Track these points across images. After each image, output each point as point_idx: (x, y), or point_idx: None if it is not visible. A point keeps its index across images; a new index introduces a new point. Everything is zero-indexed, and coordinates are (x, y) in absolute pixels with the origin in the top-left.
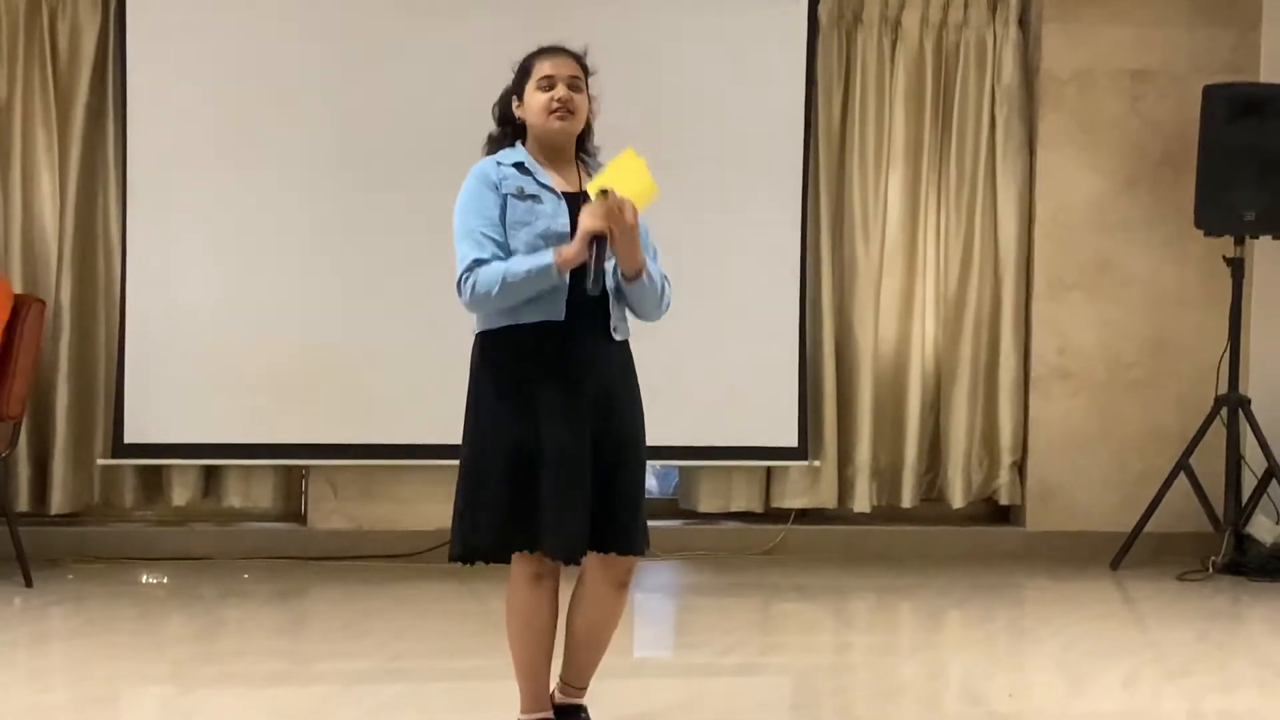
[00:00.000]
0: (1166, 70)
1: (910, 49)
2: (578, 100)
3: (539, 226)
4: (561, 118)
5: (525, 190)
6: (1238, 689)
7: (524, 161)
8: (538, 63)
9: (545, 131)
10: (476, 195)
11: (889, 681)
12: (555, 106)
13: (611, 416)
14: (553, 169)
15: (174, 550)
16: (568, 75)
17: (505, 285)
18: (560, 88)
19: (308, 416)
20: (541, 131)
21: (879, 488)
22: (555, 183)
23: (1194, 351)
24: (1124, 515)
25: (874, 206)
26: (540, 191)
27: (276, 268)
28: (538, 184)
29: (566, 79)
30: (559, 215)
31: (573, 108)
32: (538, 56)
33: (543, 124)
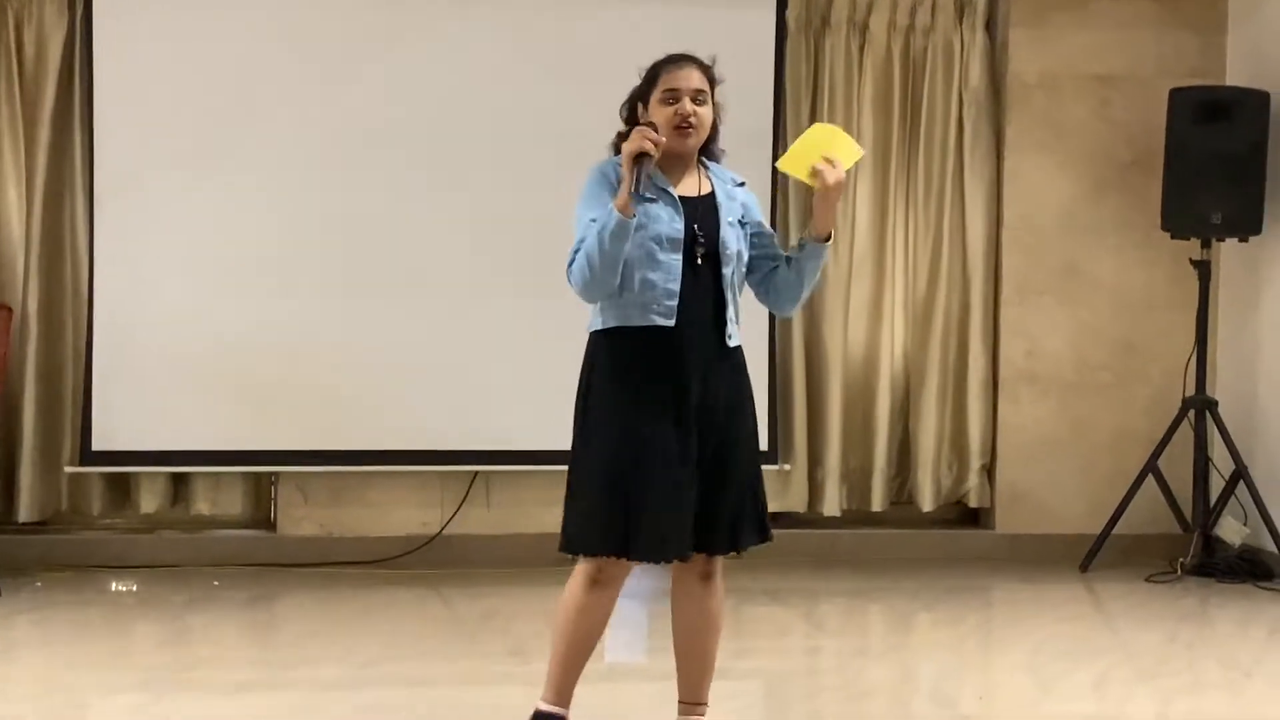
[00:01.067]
0: (1133, 74)
1: (878, 53)
2: (702, 114)
3: (653, 230)
4: (686, 134)
5: (644, 193)
6: (1206, 690)
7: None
8: (664, 74)
9: (671, 145)
10: (594, 192)
11: (859, 685)
12: (680, 123)
13: (720, 423)
14: (673, 173)
15: (143, 558)
16: (693, 89)
17: (589, 252)
18: (685, 102)
19: (277, 423)
20: (669, 144)
21: (849, 491)
22: (674, 187)
23: (1162, 354)
24: (1093, 517)
25: (843, 212)
26: (658, 195)
27: (245, 274)
28: (656, 187)
29: (692, 93)
30: (674, 220)
31: (696, 122)
32: (665, 66)
33: (669, 136)
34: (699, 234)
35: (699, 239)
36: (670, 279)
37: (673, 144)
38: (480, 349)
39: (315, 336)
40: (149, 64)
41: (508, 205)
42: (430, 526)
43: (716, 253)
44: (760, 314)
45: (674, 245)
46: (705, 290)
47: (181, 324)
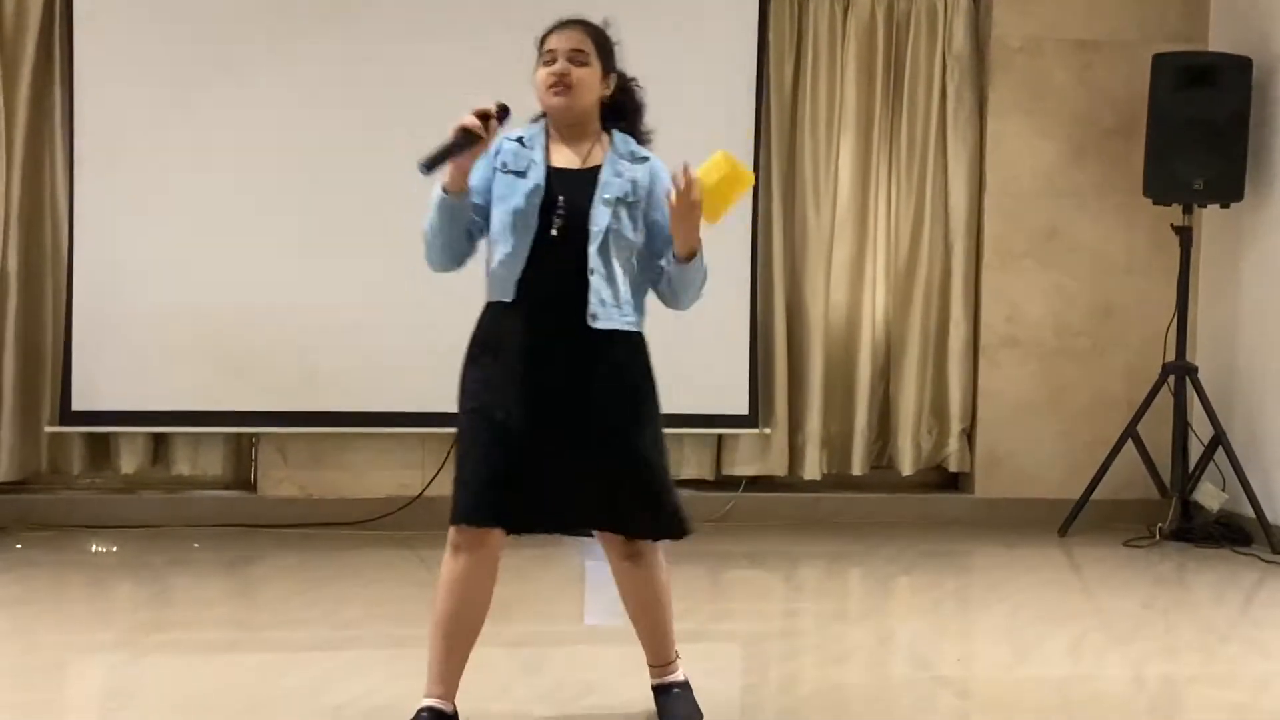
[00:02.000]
0: (1116, 39)
1: (861, 17)
2: (578, 75)
3: (510, 203)
4: (558, 93)
5: (509, 165)
6: (1181, 655)
7: (525, 136)
8: (547, 36)
9: (546, 108)
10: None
11: (838, 647)
12: (552, 81)
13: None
14: (566, 146)
15: (123, 518)
16: (569, 49)
17: (424, 225)
18: (560, 62)
19: (257, 384)
20: (545, 108)
21: (829, 455)
22: (554, 159)
23: (1142, 320)
24: (1072, 482)
25: (825, 175)
26: (529, 168)
27: (226, 234)
28: (530, 159)
29: (567, 52)
30: (535, 193)
31: (570, 82)
32: (550, 31)
33: (543, 100)
34: (559, 206)
35: (558, 211)
36: (516, 254)
37: (550, 106)
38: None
39: (296, 297)
40: (129, 25)
41: None
42: (410, 488)
43: (585, 228)
44: (744, 277)
45: (527, 219)
46: (565, 268)
47: (162, 284)
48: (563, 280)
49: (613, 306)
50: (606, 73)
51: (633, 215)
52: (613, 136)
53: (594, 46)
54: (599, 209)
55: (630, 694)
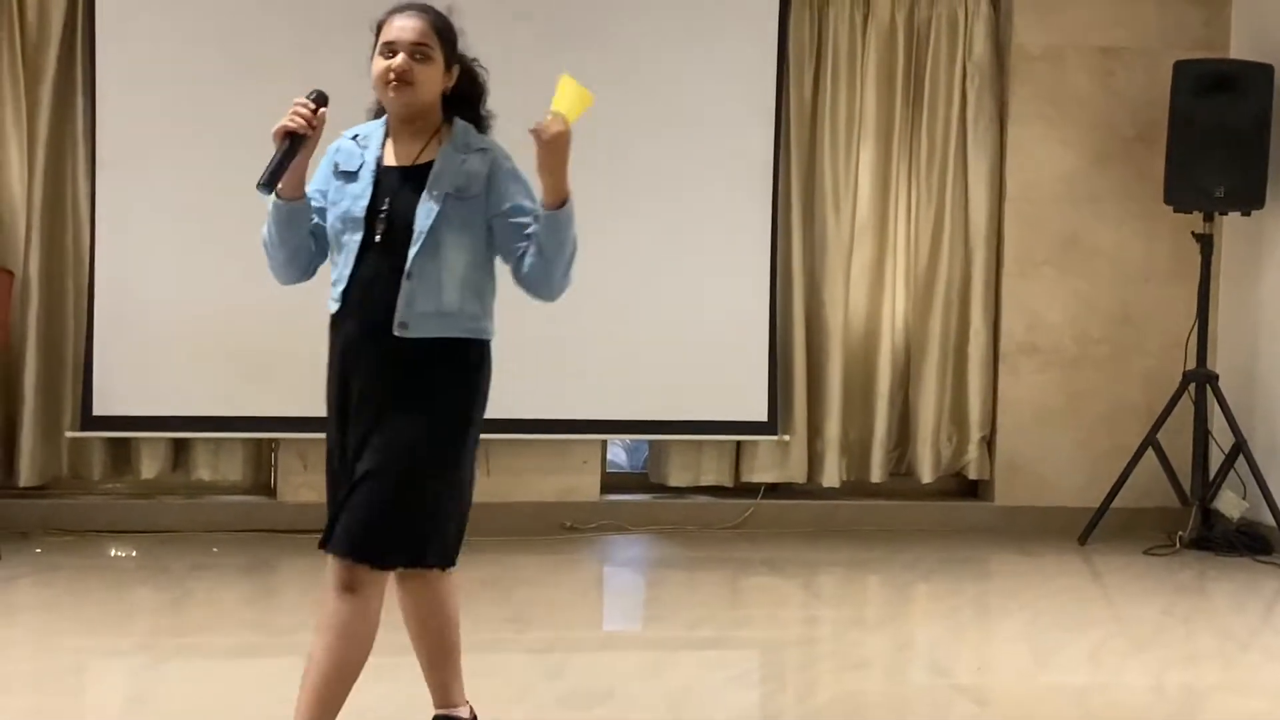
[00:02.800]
0: (1137, 46)
1: (881, 24)
2: (419, 71)
3: (340, 207)
4: (397, 89)
5: (341, 166)
6: (1202, 663)
7: (360, 134)
8: (386, 24)
9: (383, 103)
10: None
11: (856, 654)
12: (390, 77)
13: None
14: (402, 142)
15: (143, 523)
16: (410, 42)
17: (263, 235)
18: (399, 57)
19: (277, 389)
20: (381, 102)
21: (848, 462)
22: (387, 156)
23: (1162, 328)
24: (1092, 490)
25: (845, 182)
26: (360, 168)
27: (246, 239)
28: (362, 159)
29: (408, 46)
30: (361, 197)
31: (410, 79)
32: (386, 17)
33: (380, 94)
34: (382, 209)
35: (380, 214)
36: (344, 261)
37: (386, 103)
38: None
39: (316, 302)
40: (150, 30)
41: None
42: None
43: (409, 229)
44: (763, 283)
45: (355, 224)
46: (387, 273)
47: (183, 289)
48: (382, 287)
49: (432, 315)
50: (449, 65)
51: (469, 211)
52: (454, 128)
53: (437, 39)
54: (423, 207)
55: (649, 698)
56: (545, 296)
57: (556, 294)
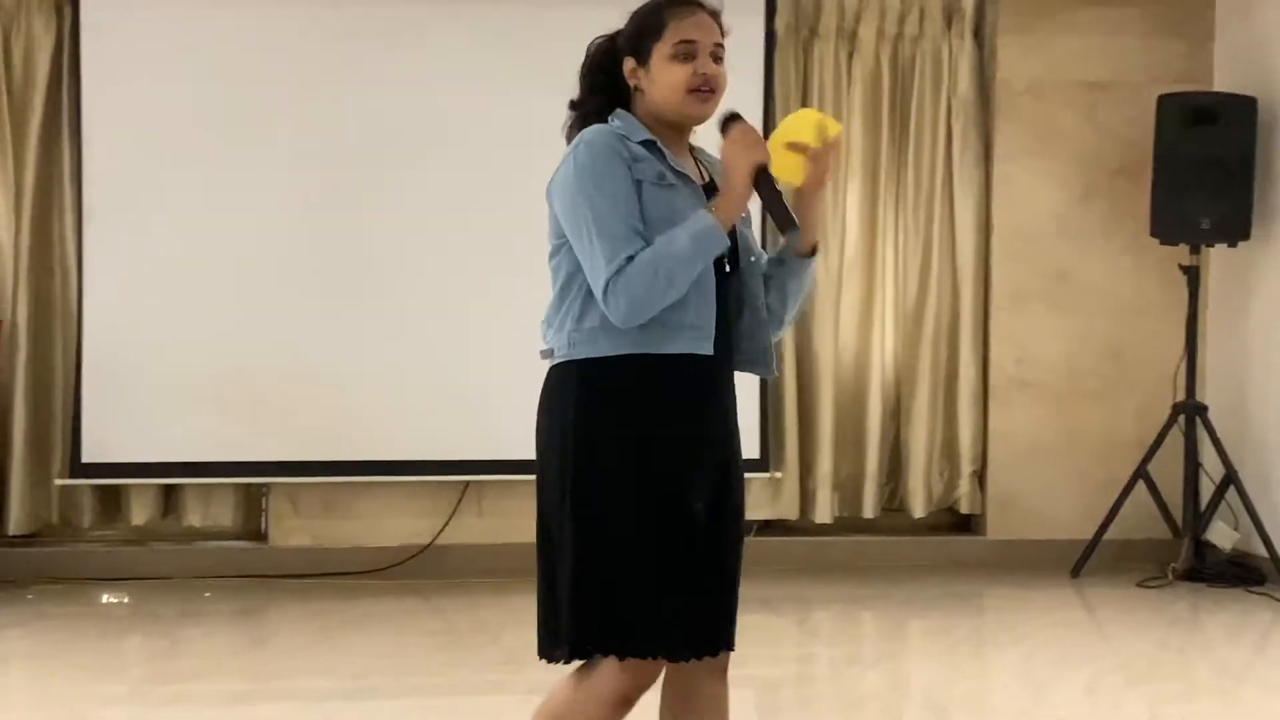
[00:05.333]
0: (1121, 80)
1: (866, 61)
2: (721, 78)
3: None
4: (704, 99)
5: (664, 178)
6: (1198, 696)
7: (656, 141)
8: (674, 20)
9: (681, 114)
10: (608, 175)
11: (853, 693)
12: (698, 84)
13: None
14: (676, 151)
15: (134, 570)
16: (713, 43)
17: (665, 268)
18: (704, 60)
19: (268, 434)
20: (674, 112)
21: (841, 499)
22: (689, 171)
23: (1151, 360)
24: (1084, 523)
25: (832, 218)
26: (676, 180)
27: (235, 285)
28: (672, 170)
29: (712, 47)
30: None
31: (716, 85)
32: (673, 10)
33: (679, 105)
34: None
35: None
36: (701, 293)
37: (690, 115)
38: (471, 358)
39: (306, 347)
40: (137, 77)
41: (495, 213)
42: (422, 536)
43: (733, 256)
44: None
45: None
46: (732, 307)
47: (171, 335)
48: (745, 322)
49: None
50: None
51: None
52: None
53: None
54: (745, 230)
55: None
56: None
57: (779, 336)
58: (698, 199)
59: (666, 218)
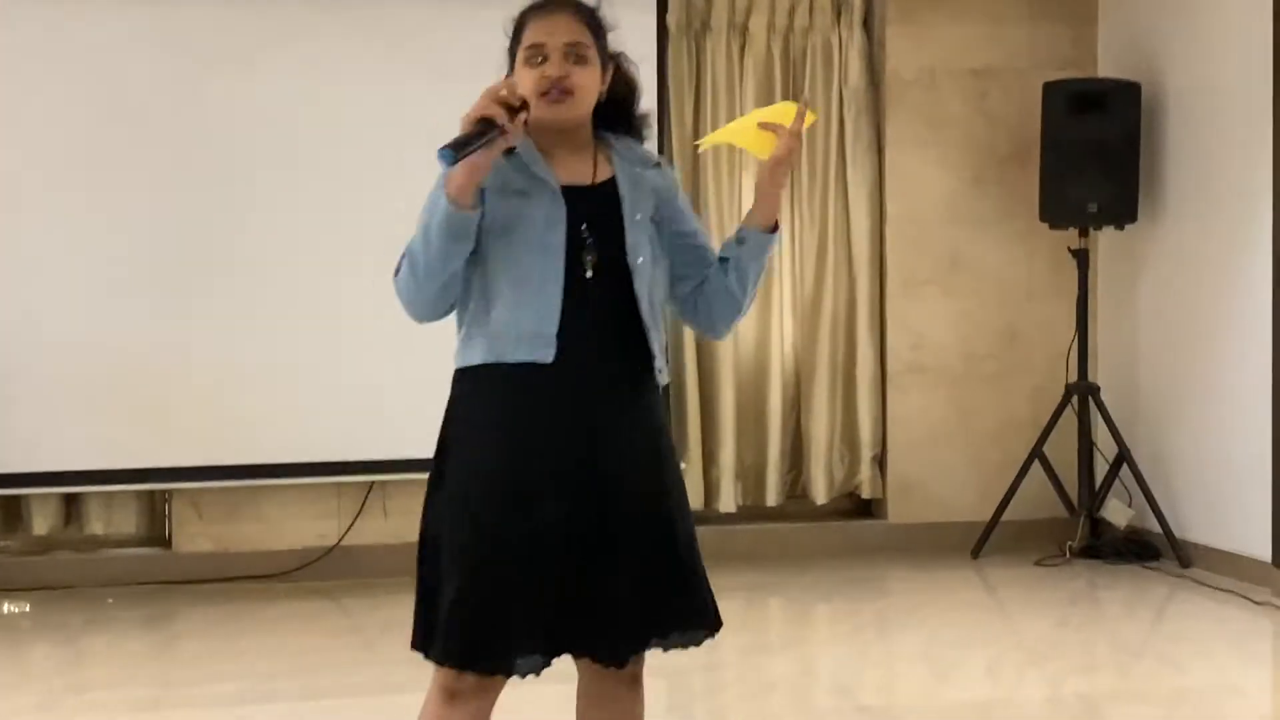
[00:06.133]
0: (1008, 67)
1: (758, 54)
2: (579, 76)
3: (522, 233)
4: (554, 101)
5: (511, 185)
6: (1097, 671)
7: (517, 147)
8: (528, 25)
9: (539, 118)
10: (436, 189)
11: (760, 679)
12: (546, 87)
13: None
14: (560, 156)
15: (36, 580)
16: (564, 43)
17: (412, 255)
18: (554, 61)
19: (169, 439)
20: (535, 117)
21: (744, 487)
22: (558, 175)
23: (1044, 342)
24: (983, 505)
25: (729, 210)
26: (530, 187)
27: (130, 289)
28: (530, 176)
29: (562, 48)
30: (554, 220)
31: (569, 86)
32: (528, 16)
33: (535, 109)
34: (586, 237)
35: (587, 242)
36: (541, 299)
37: (541, 116)
38: (372, 358)
39: (204, 349)
40: (29, 77)
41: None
42: (327, 538)
43: (621, 262)
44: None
45: (551, 255)
46: (605, 313)
47: (67, 340)
48: (601, 330)
49: (662, 357)
50: (604, 65)
51: (660, 236)
52: (610, 138)
53: (591, 35)
54: (632, 235)
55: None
56: (721, 331)
57: (731, 331)
58: (553, 204)
59: (507, 225)
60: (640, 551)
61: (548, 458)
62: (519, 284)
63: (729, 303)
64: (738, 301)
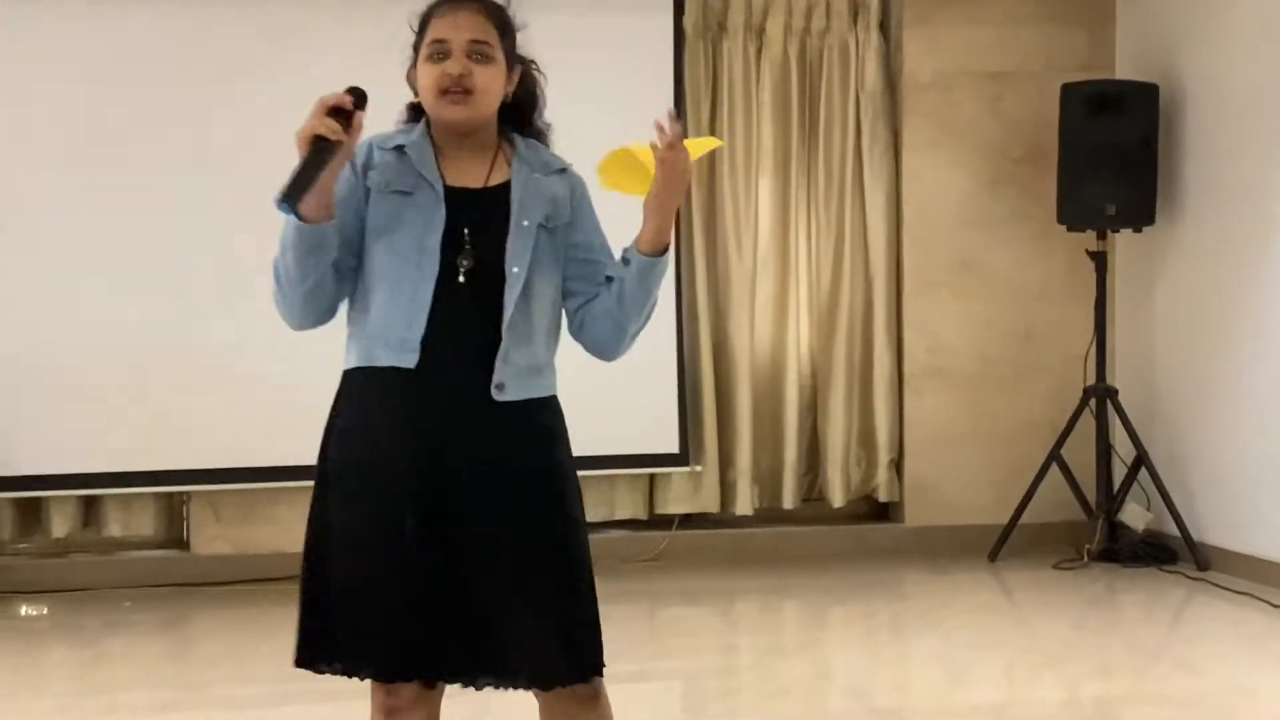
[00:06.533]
0: (1024, 70)
1: (775, 57)
2: (482, 76)
3: (397, 236)
4: (454, 101)
5: (393, 185)
6: (1114, 674)
7: (402, 143)
8: (433, 20)
9: (436, 116)
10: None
11: (776, 681)
12: (446, 85)
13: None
14: (457, 156)
15: (54, 582)
16: (467, 40)
17: (275, 271)
18: (455, 59)
19: (186, 441)
20: (433, 114)
21: (760, 490)
22: (446, 175)
23: (1061, 344)
24: (1000, 507)
25: (745, 212)
26: (416, 187)
27: (145, 290)
28: (417, 176)
29: (465, 45)
30: (433, 221)
31: (470, 85)
32: (433, 11)
33: (432, 109)
34: (466, 241)
35: (465, 247)
36: (411, 304)
37: (442, 117)
38: None
39: (219, 352)
40: (34, 90)
41: None
42: None
43: (499, 269)
44: (669, 316)
45: (427, 256)
46: (476, 320)
47: (84, 343)
48: (473, 337)
49: (524, 371)
50: (510, 66)
51: (555, 243)
52: (514, 141)
53: (498, 35)
54: (515, 240)
55: None
56: (608, 355)
57: (621, 354)
58: (434, 205)
59: (385, 226)
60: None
61: (401, 466)
62: (393, 287)
63: (611, 327)
64: (620, 327)
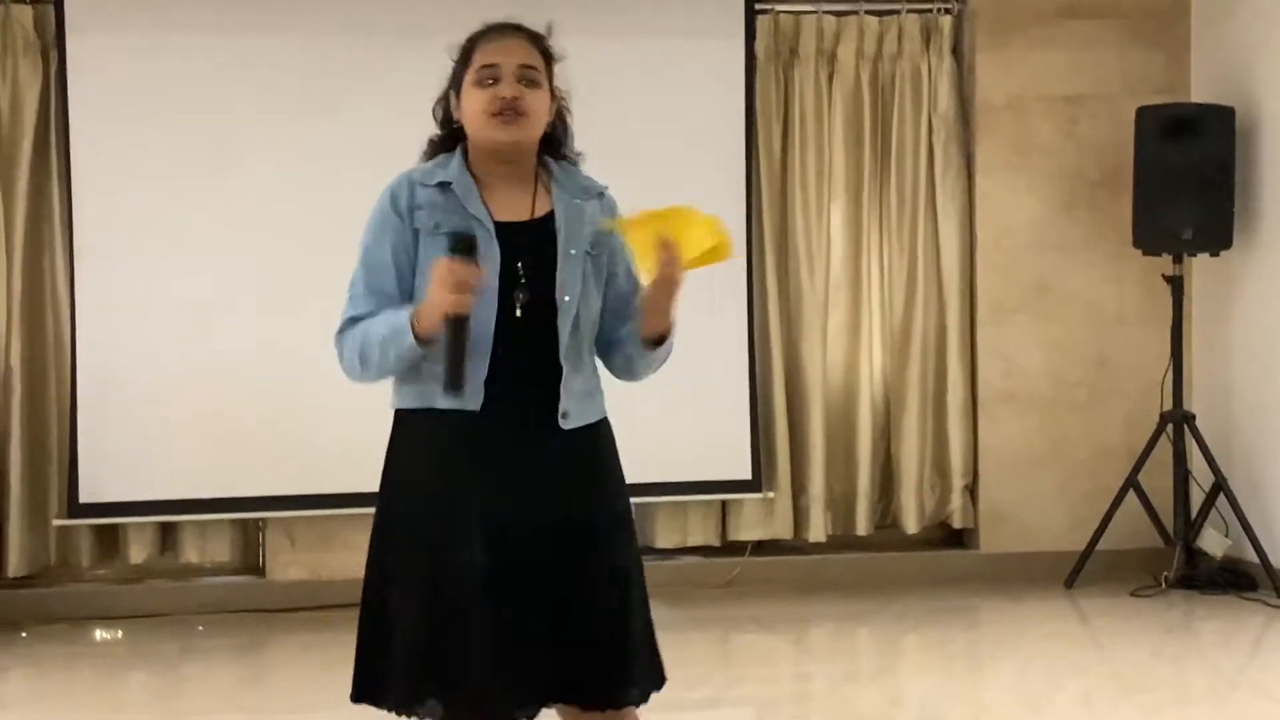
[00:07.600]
0: (1099, 93)
1: (846, 82)
2: (531, 100)
3: None
4: (507, 122)
5: (443, 227)
6: (1192, 703)
7: (453, 182)
8: (480, 47)
9: (487, 142)
10: (375, 230)
11: (849, 709)
12: (499, 108)
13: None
14: (499, 188)
15: (132, 608)
16: (517, 65)
17: (365, 354)
18: (507, 83)
19: (263, 468)
20: (482, 139)
21: (834, 517)
22: (493, 210)
23: (1137, 369)
24: (1076, 534)
25: (817, 238)
26: (464, 226)
27: (225, 320)
28: (465, 215)
29: (515, 70)
30: (489, 261)
31: (523, 109)
32: (481, 38)
33: (482, 132)
34: (521, 275)
35: (520, 281)
36: (478, 346)
37: (494, 141)
38: None
39: (297, 380)
40: (123, 116)
41: None
42: None
43: (551, 299)
44: (741, 342)
45: (486, 296)
46: (533, 353)
47: (164, 372)
48: (533, 371)
49: (583, 396)
50: (552, 94)
51: (598, 269)
52: (551, 168)
53: (543, 62)
54: (566, 272)
55: None
56: (629, 380)
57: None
58: (488, 244)
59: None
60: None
61: (473, 510)
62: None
63: (628, 373)
64: (635, 376)
